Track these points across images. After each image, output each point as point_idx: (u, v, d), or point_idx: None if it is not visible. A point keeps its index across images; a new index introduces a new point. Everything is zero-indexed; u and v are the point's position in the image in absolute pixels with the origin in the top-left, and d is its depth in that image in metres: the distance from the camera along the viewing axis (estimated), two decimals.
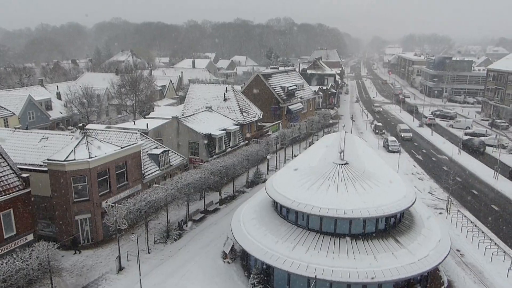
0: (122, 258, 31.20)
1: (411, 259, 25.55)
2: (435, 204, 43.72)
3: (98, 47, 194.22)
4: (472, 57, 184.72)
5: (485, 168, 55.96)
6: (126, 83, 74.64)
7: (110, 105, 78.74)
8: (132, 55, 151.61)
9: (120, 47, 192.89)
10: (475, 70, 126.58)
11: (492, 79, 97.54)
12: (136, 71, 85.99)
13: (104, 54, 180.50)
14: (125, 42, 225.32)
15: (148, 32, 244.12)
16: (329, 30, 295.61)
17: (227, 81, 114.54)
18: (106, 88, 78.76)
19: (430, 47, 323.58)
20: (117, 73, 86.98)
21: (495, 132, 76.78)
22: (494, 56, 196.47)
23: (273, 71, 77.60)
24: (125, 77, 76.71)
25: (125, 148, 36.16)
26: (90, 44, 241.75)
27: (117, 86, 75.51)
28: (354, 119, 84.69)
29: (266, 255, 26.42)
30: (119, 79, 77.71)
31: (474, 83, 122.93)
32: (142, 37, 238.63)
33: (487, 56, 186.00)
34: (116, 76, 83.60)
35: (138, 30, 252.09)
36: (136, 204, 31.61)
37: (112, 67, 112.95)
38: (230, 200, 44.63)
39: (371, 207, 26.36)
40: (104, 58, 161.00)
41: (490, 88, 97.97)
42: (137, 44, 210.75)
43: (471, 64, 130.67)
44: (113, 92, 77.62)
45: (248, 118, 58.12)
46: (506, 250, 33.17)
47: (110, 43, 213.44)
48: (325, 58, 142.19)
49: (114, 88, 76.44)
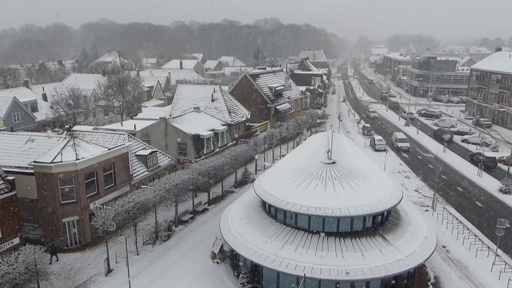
0: (111, 260, 31.05)
1: (398, 256, 25.93)
2: (421, 202, 44.39)
3: (85, 48, 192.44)
4: (456, 57, 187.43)
5: (469, 166, 56.95)
6: (113, 84, 74.10)
7: (97, 106, 78.08)
8: (119, 56, 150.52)
9: (107, 48, 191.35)
10: (459, 70, 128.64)
11: (476, 79, 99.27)
12: (123, 72, 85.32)
13: (91, 55, 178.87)
14: (112, 43, 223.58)
15: (135, 33, 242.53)
16: (316, 30, 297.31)
17: (215, 81, 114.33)
18: (93, 89, 78.07)
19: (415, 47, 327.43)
20: (104, 74, 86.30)
21: (478, 130, 78.14)
22: (477, 56, 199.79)
23: (261, 72, 77.85)
24: (112, 78, 76.13)
25: (113, 149, 35.99)
26: (76, 45, 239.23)
27: (104, 87, 74.92)
28: (341, 118, 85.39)
29: (255, 255, 26.56)
30: (106, 80, 77.11)
31: (458, 82, 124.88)
32: (129, 38, 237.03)
33: (470, 56, 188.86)
34: (103, 77, 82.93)
35: (125, 31, 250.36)
36: (124, 205, 31.48)
37: (99, 68, 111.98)
38: (218, 200, 44.68)
39: (359, 206, 26.69)
40: (91, 59, 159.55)
41: (474, 87, 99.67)
42: (124, 45, 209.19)
43: (455, 64, 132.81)
44: (100, 93, 77.00)
45: (236, 119, 58.24)
46: (490, 245, 33.86)
47: (97, 44, 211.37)
48: (312, 58, 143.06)
49: (101, 89, 75.84)
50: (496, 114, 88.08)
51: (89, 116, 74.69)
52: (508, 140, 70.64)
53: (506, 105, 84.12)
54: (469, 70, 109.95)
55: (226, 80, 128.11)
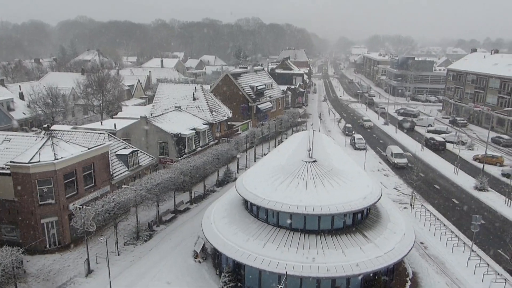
0: (91, 261, 30.69)
1: (378, 253, 26.42)
2: (400, 199, 45.27)
3: (63, 46, 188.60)
4: (433, 57, 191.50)
5: (446, 164, 58.36)
6: (93, 83, 73.07)
7: (76, 105, 76.86)
8: (99, 54, 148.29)
9: (86, 46, 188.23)
10: (436, 70, 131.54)
11: (452, 79, 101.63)
12: (103, 70, 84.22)
13: (69, 53, 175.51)
14: (91, 41, 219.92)
15: (115, 31, 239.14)
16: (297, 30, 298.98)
17: (196, 80, 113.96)
18: (72, 88, 76.80)
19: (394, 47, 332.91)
20: (83, 73, 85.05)
21: (455, 129, 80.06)
22: (453, 56, 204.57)
23: (242, 71, 77.99)
24: (92, 76, 75.09)
25: (93, 149, 35.54)
26: (54, 43, 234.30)
27: (83, 86, 73.82)
28: (322, 117, 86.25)
29: (237, 253, 26.67)
30: (85, 78, 76.00)
31: (435, 82, 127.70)
32: (109, 36, 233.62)
33: (447, 57, 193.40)
34: (82, 75, 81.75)
35: (105, 29, 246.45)
36: (104, 205, 31.15)
37: (78, 67, 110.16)
38: (200, 199, 44.62)
39: (339, 204, 27.08)
40: (69, 57, 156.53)
41: (450, 87, 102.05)
42: (103, 43, 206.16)
43: (432, 64, 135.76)
44: (79, 92, 75.83)
45: (218, 118, 58.21)
46: (466, 241, 34.79)
47: (76, 42, 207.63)
48: (293, 58, 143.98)
49: (80, 88, 74.70)
50: (471, 114, 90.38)
51: (68, 115, 73.45)
52: (482, 139, 72.60)
53: (481, 105, 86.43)
54: (446, 70, 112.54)
55: (207, 79, 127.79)
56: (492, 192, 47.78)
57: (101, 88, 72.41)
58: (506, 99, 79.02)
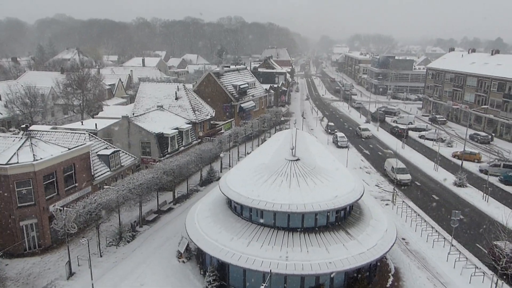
0: (73, 263, 30.22)
1: (361, 249, 26.76)
2: (382, 196, 45.91)
3: (41, 44, 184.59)
4: (413, 56, 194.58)
5: (426, 161, 59.41)
6: (73, 82, 71.85)
7: (55, 105, 75.44)
8: (79, 53, 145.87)
9: (65, 44, 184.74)
10: (416, 69, 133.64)
11: (431, 77, 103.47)
12: (83, 69, 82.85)
13: (48, 52, 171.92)
14: (70, 39, 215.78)
15: (95, 30, 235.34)
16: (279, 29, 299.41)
17: (179, 79, 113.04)
18: (51, 87, 75.35)
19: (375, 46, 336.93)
20: (63, 72, 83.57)
21: (434, 127, 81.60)
22: (432, 55, 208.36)
23: (225, 70, 77.76)
24: (71, 75, 73.84)
25: (73, 149, 34.99)
26: (32, 41, 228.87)
27: (63, 85, 72.51)
28: (305, 116, 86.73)
29: (221, 253, 26.64)
30: (65, 78, 74.71)
31: (415, 80, 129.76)
32: (89, 34, 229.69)
33: (426, 56, 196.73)
34: (62, 74, 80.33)
35: (84, 27, 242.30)
36: (86, 206, 30.71)
37: (57, 66, 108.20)
38: (184, 199, 44.38)
39: (322, 201, 27.31)
40: (48, 56, 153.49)
41: (430, 85, 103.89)
42: (83, 42, 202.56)
43: (412, 63, 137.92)
44: (58, 92, 74.45)
45: (201, 117, 57.96)
46: (446, 236, 35.53)
47: (54, 40, 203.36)
48: (275, 56, 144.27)
49: (59, 87, 73.34)
50: (450, 111, 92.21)
51: (47, 115, 72.06)
52: (461, 136, 74.14)
53: (459, 103, 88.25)
54: (425, 69, 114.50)
55: (190, 78, 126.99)
56: (471, 188, 48.87)
57: (81, 88, 71.26)
58: (483, 97, 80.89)
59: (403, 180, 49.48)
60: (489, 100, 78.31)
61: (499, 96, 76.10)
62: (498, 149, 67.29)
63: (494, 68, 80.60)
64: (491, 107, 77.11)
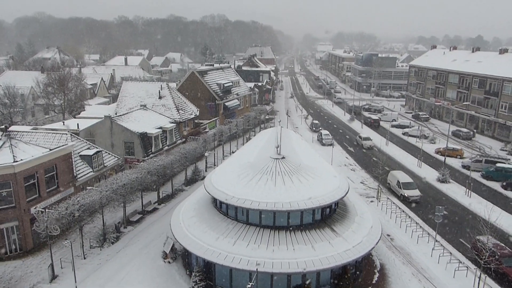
0: (56, 266, 29.61)
1: (346, 246, 26.86)
2: (367, 193, 46.26)
3: (20, 43, 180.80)
4: (396, 54, 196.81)
5: (410, 157, 60.10)
6: (53, 82, 70.49)
7: (36, 105, 73.98)
8: (59, 52, 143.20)
9: (45, 43, 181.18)
10: (398, 66, 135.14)
11: (414, 75, 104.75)
12: (64, 68, 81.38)
13: (28, 51, 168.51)
14: (50, 38, 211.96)
15: (75, 28, 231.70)
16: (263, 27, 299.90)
17: (162, 78, 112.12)
18: (31, 87, 73.89)
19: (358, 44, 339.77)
20: (43, 71, 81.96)
21: (417, 123, 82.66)
22: (415, 53, 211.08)
23: (209, 68, 77.38)
24: (52, 75, 72.40)
25: (55, 150, 34.28)
26: (10, 40, 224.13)
27: (43, 85, 71.11)
28: (289, 114, 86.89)
29: (207, 252, 26.43)
30: (45, 77, 73.26)
31: (398, 78, 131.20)
32: (70, 33, 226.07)
33: (409, 53, 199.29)
34: (42, 74, 78.80)
35: (65, 26, 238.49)
36: (68, 208, 30.10)
37: (37, 65, 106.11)
38: (168, 199, 43.97)
39: (308, 199, 27.31)
40: (28, 55, 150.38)
41: (412, 83, 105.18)
42: (64, 41, 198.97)
43: (395, 60, 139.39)
44: (39, 91, 73.01)
45: (185, 116, 57.50)
46: (430, 232, 35.97)
47: (34, 39, 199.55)
48: (259, 55, 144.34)
49: (40, 87, 71.93)
50: (433, 108, 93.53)
51: (27, 116, 70.64)
52: (444, 132, 75.29)
53: (442, 100, 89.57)
54: (408, 66, 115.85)
55: (173, 76, 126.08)
56: (454, 183, 49.63)
57: (62, 87, 69.96)
58: (464, 94, 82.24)
59: (412, 197, 42.98)
60: (471, 97, 79.66)
61: (480, 92, 77.47)
62: (480, 145, 68.53)
63: (475, 65, 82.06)
64: (473, 104, 78.45)
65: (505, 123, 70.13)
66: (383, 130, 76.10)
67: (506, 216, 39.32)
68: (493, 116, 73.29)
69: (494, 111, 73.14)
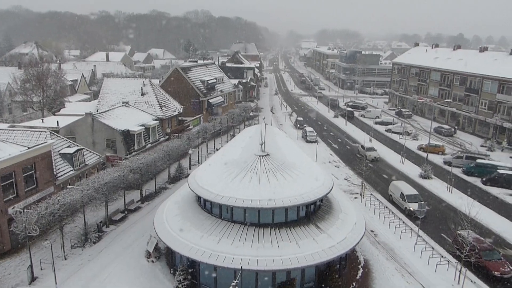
0: (35, 267, 28.87)
1: (331, 243, 26.89)
2: (351, 190, 46.51)
3: None
4: (379, 51, 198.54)
5: (393, 154, 60.70)
6: (32, 78, 68.73)
7: (13, 102, 72.10)
8: (37, 47, 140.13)
9: (22, 38, 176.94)
10: (382, 64, 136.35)
11: (397, 72, 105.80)
12: (42, 64, 79.42)
13: (4, 45, 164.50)
14: (28, 33, 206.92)
15: (54, 23, 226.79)
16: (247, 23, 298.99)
17: (144, 75, 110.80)
18: (8, 83, 71.93)
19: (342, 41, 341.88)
20: (20, 67, 79.76)
21: (400, 120, 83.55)
22: (398, 50, 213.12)
23: (192, 65, 76.63)
24: (30, 71, 70.54)
25: (33, 148, 33.39)
26: None
27: (21, 81, 69.24)
28: (274, 111, 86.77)
29: (191, 251, 26.13)
30: (23, 73, 71.29)
31: (381, 75, 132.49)
32: (48, 27, 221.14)
33: (392, 51, 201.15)
34: (19, 70, 76.68)
35: (43, 20, 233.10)
36: (48, 207, 29.36)
37: (14, 60, 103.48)
38: (152, 197, 43.41)
39: (292, 196, 27.24)
40: (4, 50, 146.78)
41: (396, 80, 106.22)
42: (42, 36, 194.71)
43: (379, 58, 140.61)
44: (16, 88, 71.08)
45: (168, 113, 56.84)
46: (413, 227, 36.34)
47: (10, 33, 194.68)
48: (243, 51, 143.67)
49: (17, 83, 70.00)
50: (415, 105, 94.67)
51: (4, 113, 68.87)
52: (426, 129, 76.25)
53: (424, 97, 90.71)
54: (391, 63, 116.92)
55: (156, 73, 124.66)
56: (436, 179, 50.31)
57: (41, 84, 68.28)
58: (446, 91, 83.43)
59: (418, 212, 35.83)
60: (452, 94, 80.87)
61: (461, 90, 78.68)
62: (461, 141, 69.66)
63: (456, 63, 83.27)
64: (454, 101, 79.65)
65: (485, 120, 71.41)
66: (367, 127, 76.69)
67: (486, 211, 40.01)
68: (474, 113, 74.55)
69: (475, 108, 74.40)
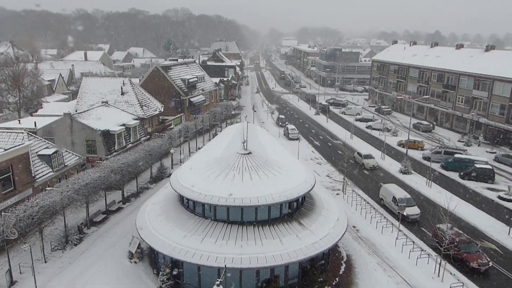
0: (14, 271, 28.28)
1: (314, 239, 27.13)
2: (333, 186, 46.97)
3: None
4: (359, 49, 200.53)
5: (374, 150, 61.49)
6: (7, 78, 67.03)
7: None
8: (12, 46, 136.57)
9: None
10: (362, 61, 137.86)
11: (376, 69, 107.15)
12: (18, 64, 77.52)
13: None
14: (2, 31, 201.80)
15: (30, 21, 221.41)
16: (227, 22, 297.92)
17: (124, 74, 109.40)
18: None
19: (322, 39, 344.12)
20: None
21: (380, 117, 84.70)
22: (377, 48, 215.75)
23: (173, 63, 76.00)
24: (5, 71, 68.80)
25: (10, 150, 32.66)
26: None
27: None
28: (256, 109, 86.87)
29: (175, 251, 25.99)
30: None
31: (361, 72, 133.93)
32: (23, 26, 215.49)
33: (371, 48, 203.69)
34: None
35: (18, 18, 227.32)
36: (27, 210, 28.75)
37: None
38: (133, 197, 42.96)
39: (275, 194, 27.34)
40: None
41: (375, 77, 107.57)
42: (17, 34, 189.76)
43: (358, 55, 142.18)
44: None
45: (149, 112, 56.29)
46: (394, 222, 36.94)
47: None
48: (224, 49, 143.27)
49: None
50: (395, 102, 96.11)
51: None
52: (405, 125, 77.51)
53: (403, 93, 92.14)
54: (371, 61, 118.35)
55: (136, 72, 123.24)
56: (415, 174, 51.22)
57: (17, 84, 66.65)
58: (424, 88, 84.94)
59: (411, 216, 37.41)
60: (430, 91, 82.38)
61: (439, 86, 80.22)
62: (439, 136, 71.10)
63: (434, 60, 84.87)
64: (432, 97, 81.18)
65: (462, 116, 73.02)
66: (348, 124, 77.48)
67: (464, 205, 40.99)
68: (451, 109, 76.14)
69: (452, 104, 75.99)
